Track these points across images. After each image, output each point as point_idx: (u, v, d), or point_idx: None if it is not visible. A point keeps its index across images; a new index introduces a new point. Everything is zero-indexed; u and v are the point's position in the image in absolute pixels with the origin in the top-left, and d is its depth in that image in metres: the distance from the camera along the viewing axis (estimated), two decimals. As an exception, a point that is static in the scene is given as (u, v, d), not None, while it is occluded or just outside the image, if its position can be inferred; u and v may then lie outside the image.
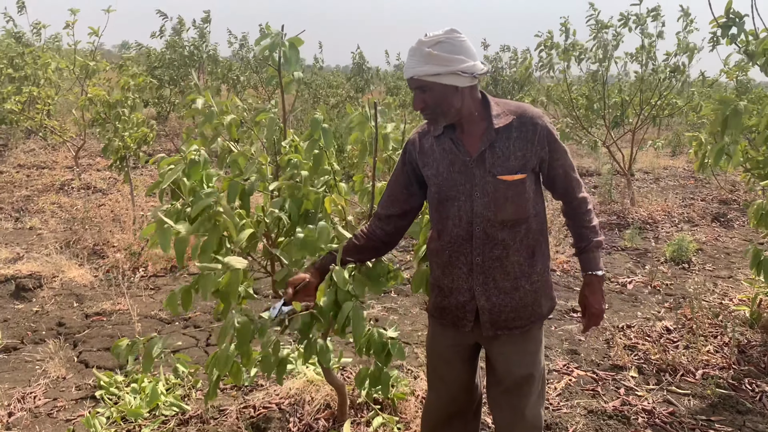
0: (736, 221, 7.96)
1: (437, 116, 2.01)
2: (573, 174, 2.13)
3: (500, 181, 2.00)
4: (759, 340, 4.14)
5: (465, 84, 1.96)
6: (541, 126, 2.02)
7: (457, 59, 1.92)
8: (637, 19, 7.85)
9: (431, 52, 1.91)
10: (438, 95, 1.96)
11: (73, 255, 5.43)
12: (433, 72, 1.91)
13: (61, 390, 3.38)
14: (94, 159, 10.32)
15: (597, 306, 2.18)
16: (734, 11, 3.61)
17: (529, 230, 2.08)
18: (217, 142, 2.19)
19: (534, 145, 2.02)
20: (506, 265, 2.07)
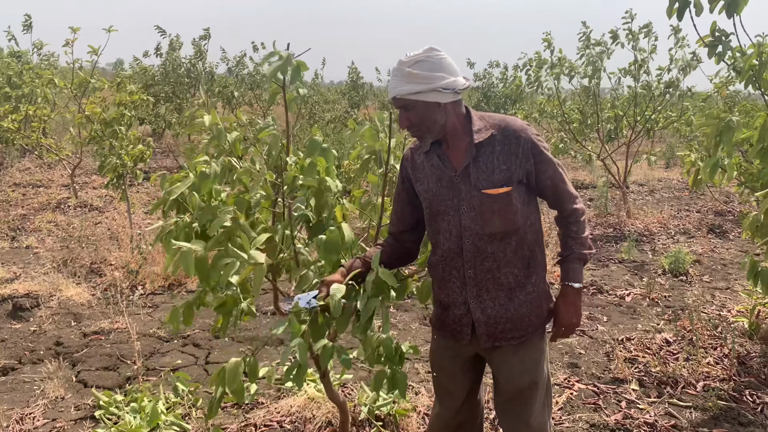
0: (731, 232, 8.00)
1: (423, 133, 2.05)
2: (563, 186, 2.10)
3: (485, 195, 2.02)
4: (758, 351, 4.15)
5: (447, 100, 1.99)
6: (524, 138, 2.03)
7: (437, 76, 1.96)
8: (630, 35, 7.95)
9: (411, 72, 1.95)
10: (421, 113, 2.00)
11: (70, 274, 5.41)
12: (414, 90, 1.95)
13: (59, 410, 3.36)
14: (90, 177, 10.31)
15: (566, 318, 2.16)
16: (720, 29, 3.66)
17: (522, 241, 2.09)
18: (221, 158, 2.20)
19: (518, 158, 2.03)
20: (499, 276, 2.09)
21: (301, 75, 1.98)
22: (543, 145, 2.07)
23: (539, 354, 2.21)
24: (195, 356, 4.06)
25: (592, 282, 5.77)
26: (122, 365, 3.91)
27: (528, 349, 2.18)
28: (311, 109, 13.25)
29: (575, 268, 2.12)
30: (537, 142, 2.05)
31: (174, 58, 12.85)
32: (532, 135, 2.05)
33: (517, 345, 2.16)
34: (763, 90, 3.80)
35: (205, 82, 13.48)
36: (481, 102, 14.55)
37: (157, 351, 4.12)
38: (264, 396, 3.49)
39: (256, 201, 2.07)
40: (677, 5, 3.42)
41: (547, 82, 8.17)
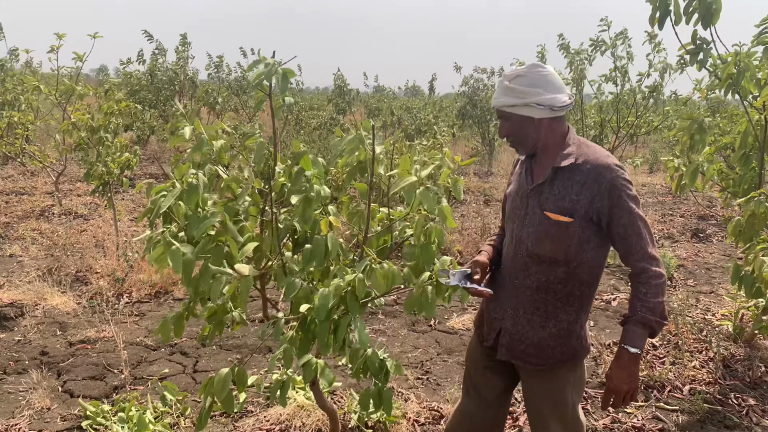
0: (714, 237, 8.10)
1: (516, 144, 2.15)
2: (635, 239, 1.98)
3: (545, 216, 2.05)
4: (743, 354, 4.20)
5: (541, 115, 2.04)
6: (607, 179, 1.98)
7: (533, 92, 2.01)
8: (606, 44, 8.04)
9: (509, 85, 2.04)
10: (515, 125, 2.09)
11: (55, 282, 5.35)
12: (509, 103, 2.05)
13: (45, 421, 3.32)
14: (74, 184, 10.22)
15: (617, 382, 2.01)
16: (701, 38, 3.72)
17: (571, 276, 2.06)
18: (207, 167, 2.19)
19: (594, 195, 1.99)
20: (537, 299, 2.11)
21: (288, 83, 1.98)
22: (627, 192, 1.98)
23: (563, 385, 2.17)
24: (183, 365, 4.03)
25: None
26: (109, 374, 3.87)
27: (549, 377, 2.17)
28: (297, 116, 13.24)
29: (636, 332, 1.97)
30: (621, 185, 1.98)
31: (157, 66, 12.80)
32: (618, 177, 1.98)
33: (534, 370, 2.17)
34: (743, 97, 3.86)
35: (188, 89, 13.42)
36: (467, 106, 14.61)
37: (145, 360, 4.09)
38: (253, 404, 3.47)
39: (244, 209, 2.06)
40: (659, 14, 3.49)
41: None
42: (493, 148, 14.67)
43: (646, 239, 1.98)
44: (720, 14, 3.40)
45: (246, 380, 2.25)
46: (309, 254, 2.14)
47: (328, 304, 2.05)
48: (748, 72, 3.68)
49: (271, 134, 2.28)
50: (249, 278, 1.94)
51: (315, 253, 2.13)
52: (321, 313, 2.04)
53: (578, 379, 2.22)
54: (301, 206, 2.08)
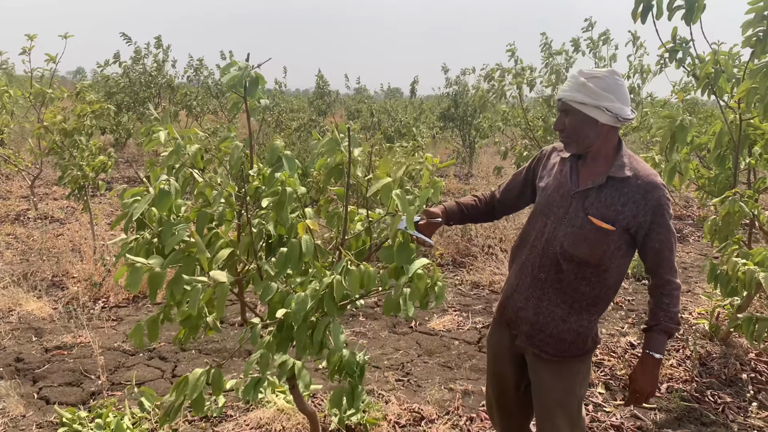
0: (691, 236, 8.20)
1: (571, 141, 2.16)
2: (668, 254, 2.11)
3: (588, 220, 2.11)
4: (719, 352, 4.26)
5: (606, 121, 2.08)
6: (655, 196, 2.07)
7: (607, 96, 2.05)
8: (591, 43, 8.10)
9: (585, 83, 2.06)
10: (578, 122, 2.11)
11: (30, 287, 5.27)
12: (580, 100, 2.07)
13: (20, 429, 3.26)
14: (50, 188, 10.08)
15: (642, 385, 2.15)
16: (681, 37, 3.77)
17: (599, 279, 2.15)
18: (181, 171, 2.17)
19: (639, 209, 2.07)
20: (564, 295, 2.19)
21: (258, 88, 1.97)
22: (668, 211, 2.10)
23: (573, 377, 2.26)
24: (161, 370, 3.99)
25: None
26: (86, 380, 3.82)
27: (561, 369, 2.25)
28: (277, 118, 13.19)
29: (659, 339, 2.12)
30: (664, 205, 2.08)
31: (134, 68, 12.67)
32: (663, 197, 2.08)
33: (549, 361, 2.25)
34: (719, 97, 3.91)
35: (165, 92, 13.31)
36: (450, 108, 14.65)
37: (122, 365, 4.04)
38: (233, 408, 3.45)
39: (219, 214, 2.04)
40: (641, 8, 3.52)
41: (511, 90, 8.27)
42: (474, 150, 14.73)
43: (674, 254, 2.12)
44: (701, 13, 3.44)
45: (222, 383, 2.23)
46: (284, 258, 2.13)
47: (305, 309, 2.04)
48: (724, 73, 3.73)
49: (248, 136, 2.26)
50: (225, 285, 1.92)
51: (290, 256, 2.12)
52: (298, 317, 2.03)
53: (586, 374, 2.30)
54: (276, 209, 2.07)
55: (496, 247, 6.69)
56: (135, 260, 1.78)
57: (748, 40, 3.46)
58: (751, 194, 3.60)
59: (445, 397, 3.64)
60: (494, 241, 6.94)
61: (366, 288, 2.21)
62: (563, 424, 2.25)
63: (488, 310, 5.21)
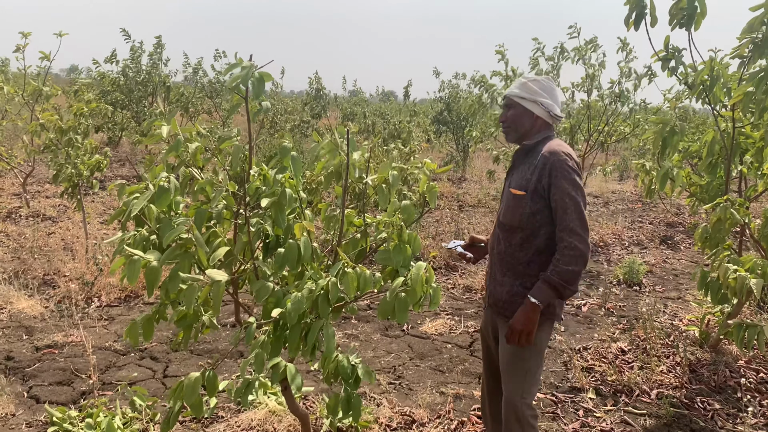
0: (682, 243, 8.26)
1: (510, 130, 2.56)
2: (562, 214, 2.32)
3: (509, 191, 2.49)
4: (708, 359, 4.29)
5: (539, 114, 2.48)
6: (551, 161, 2.36)
7: (542, 94, 2.48)
8: (578, 51, 8.13)
9: (526, 82, 2.51)
10: (517, 113, 2.52)
11: (22, 285, 5.24)
12: (521, 95, 2.49)
13: (10, 428, 3.25)
14: (43, 186, 10.03)
15: (515, 323, 2.40)
16: (673, 46, 3.79)
17: (528, 241, 2.45)
18: (181, 169, 2.18)
19: (542, 174, 2.37)
20: (504, 261, 2.52)
21: (264, 86, 1.98)
22: (564, 174, 2.33)
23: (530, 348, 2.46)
24: (153, 369, 3.98)
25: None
26: (77, 380, 3.80)
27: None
28: (273, 119, 13.19)
29: (541, 288, 2.35)
30: (560, 168, 2.34)
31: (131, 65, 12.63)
32: (561, 162, 2.34)
33: (503, 325, 2.53)
34: (713, 105, 3.95)
35: (160, 91, 13.27)
36: (443, 112, 14.69)
37: (114, 364, 4.03)
38: (224, 409, 3.44)
39: (218, 212, 2.05)
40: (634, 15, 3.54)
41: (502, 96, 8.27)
42: (467, 155, 14.76)
43: (571, 216, 2.31)
44: (702, 20, 3.45)
45: (217, 385, 2.23)
46: (282, 258, 2.14)
47: (300, 309, 2.05)
48: (720, 80, 3.76)
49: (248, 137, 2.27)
50: (222, 283, 1.93)
51: (288, 257, 2.13)
52: (293, 317, 2.04)
53: (539, 343, 2.48)
54: (274, 209, 2.08)
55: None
56: (133, 252, 1.78)
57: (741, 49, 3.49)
58: (741, 202, 3.63)
59: (437, 401, 3.65)
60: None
61: (362, 291, 2.22)
62: (511, 389, 2.49)
63: (480, 314, 5.22)
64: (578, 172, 2.38)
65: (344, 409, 2.29)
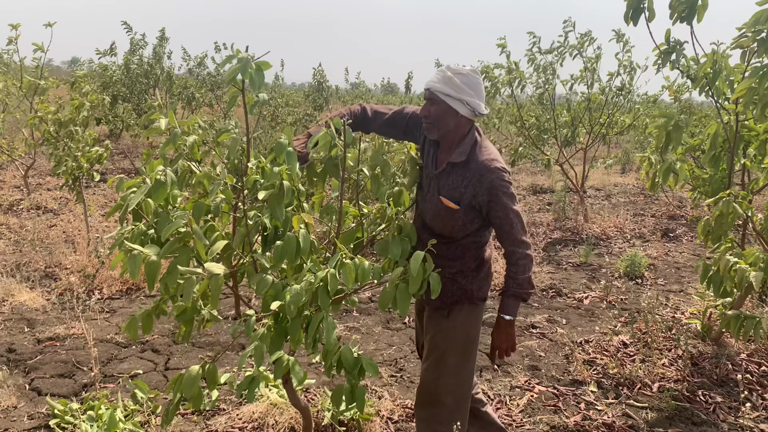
0: (684, 236, 8.24)
1: (433, 127, 2.41)
2: (508, 229, 2.37)
3: (439, 200, 2.43)
4: (710, 352, 4.28)
5: (464, 113, 2.37)
6: (488, 180, 2.34)
7: (468, 92, 2.34)
8: (573, 46, 8.09)
9: (451, 77, 2.34)
10: (441, 111, 2.38)
11: (23, 278, 5.25)
12: (445, 92, 2.34)
13: (12, 420, 3.25)
14: (44, 178, 10.03)
15: (497, 343, 2.50)
16: (674, 39, 3.77)
17: (458, 246, 2.48)
18: (179, 162, 2.17)
19: (477, 190, 2.36)
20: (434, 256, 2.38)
21: (263, 76, 1.96)
22: (504, 190, 2.34)
23: (451, 324, 2.54)
24: (154, 362, 3.98)
25: (551, 285, 5.87)
26: (78, 372, 3.81)
27: (439, 319, 2.55)
28: (274, 111, 13.16)
29: (509, 303, 2.44)
30: (499, 186, 2.34)
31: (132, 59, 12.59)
32: (497, 179, 2.34)
33: (432, 311, 2.57)
34: (716, 98, 3.92)
35: (163, 83, 13.23)
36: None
37: (115, 357, 4.03)
38: (225, 402, 3.44)
39: (215, 205, 2.04)
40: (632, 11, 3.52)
41: (505, 89, 8.26)
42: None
43: (516, 228, 2.36)
44: (704, 12, 3.42)
45: (217, 378, 2.23)
46: (280, 251, 2.13)
47: (299, 301, 2.04)
48: (723, 72, 3.73)
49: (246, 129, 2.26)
50: (220, 277, 1.92)
51: (286, 250, 2.12)
52: (292, 309, 2.03)
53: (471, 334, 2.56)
54: (271, 202, 2.07)
55: (490, 245, 6.70)
56: (133, 247, 1.77)
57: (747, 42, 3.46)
58: (744, 195, 3.61)
59: (438, 394, 3.64)
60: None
61: (361, 282, 2.21)
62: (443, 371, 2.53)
63: (482, 307, 5.21)
64: (511, 183, 2.41)
65: (348, 399, 2.28)
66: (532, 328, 4.75)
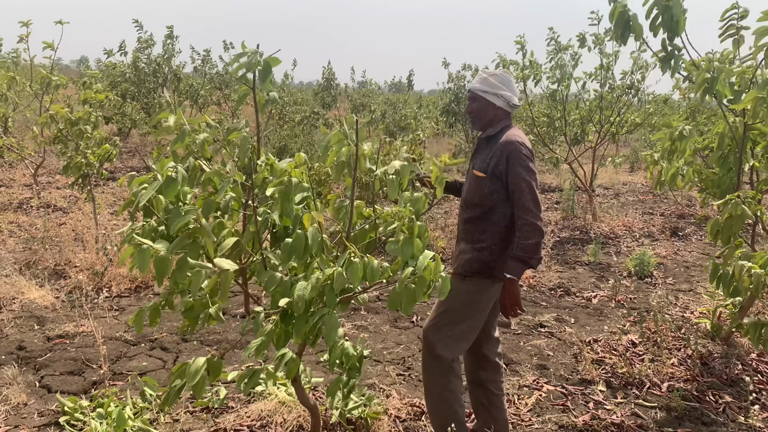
0: (693, 235, 8.19)
1: (476, 120, 2.88)
2: (518, 196, 2.64)
3: (472, 173, 2.82)
4: (720, 351, 4.26)
5: (501, 105, 2.81)
6: (508, 149, 2.68)
7: (501, 87, 2.80)
8: (596, 39, 8.06)
9: (486, 77, 2.83)
10: (481, 105, 2.84)
11: (33, 276, 5.28)
12: (482, 89, 2.81)
13: (22, 417, 3.27)
14: (53, 177, 10.08)
15: (502, 301, 2.72)
16: (672, 44, 3.75)
17: (485, 216, 2.77)
18: (189, 160, 2.17)
19: (499, 159, 2.70)
20: (466, 230, 2.85)
21: (271, 74, 1.96)
22: (521, 162, 2.66)
23: (463, 288, 2.80)
24: (163, 360, 4.00)
25: (559, 284, 5.85)
26: (87, 370, 3.83)
27: (460, 282, 2.82)
28: (281, 110, 13.18)
29: (512, 265, 2.66)
30: (516, 156, 2.66)
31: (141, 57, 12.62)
32: (516, 149, 2.67)
33: (453, 276, 2.83)
34: (719, 101, 3.91)
35: (171, 82, 13.26)
36: (452, 103, 14.61)
37: (124, 355, 4.05)
38: (234, 400, 3.45)
39: (225, 203, 2.04)
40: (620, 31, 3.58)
41: (518, 85, 8.24)
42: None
43: (526, 197, 2.63)
44: (684, 24, 3.51)
45: (221, 369, 2.23)
46: (289, 249, 2.13)
47: (306, 297, 2.04)
48: (722, 75, 3.72)
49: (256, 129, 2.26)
50: (229, 272, 1.92)
51: (295, 247, 2.12)
52: (299, 305, 2.03)
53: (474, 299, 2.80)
54: (280, 198, 2.07)
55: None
56: (142, 242, 1.78)
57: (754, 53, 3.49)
58: (753, 195, 3.59)
59: (446, 392, 3.64)
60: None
61: (369, 281, 2.21)
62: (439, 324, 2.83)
63: (490, 306, 5.21)
64: (531, 159, 2.70)
65: (344, 392, 2.30)
66: (540, 327, 4.74)
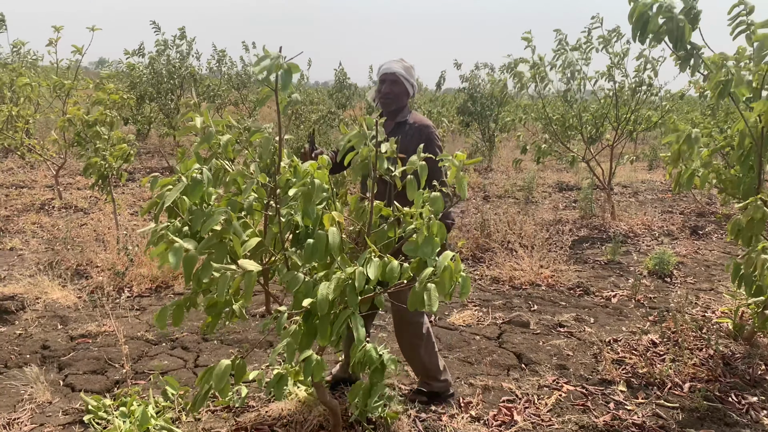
0: (714, 234, 8.11)
1: (392, 103, 3.32)
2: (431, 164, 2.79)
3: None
4: (743, 351, 4.21)
5: (411, 93, 3.37)
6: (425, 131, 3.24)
7: (413, 77, 3.35)
8: (603, 40, 8.02)
9: (408, 66, 3.35)
10: (401, 90, 3.33)
11: (55, 276, 5.35)
12: (405, 76, 3.31)
13: (47, 415, 3.32)
14: (74, 178, 10.21)
15: None
16: (691, 43, 3.71)
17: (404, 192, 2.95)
18: (212, 161, 2.19)
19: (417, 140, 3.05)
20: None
21: (291, 78, 1.98)
22: (436, 141, 3.26)
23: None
24: (184, 359, 4.04)
25: (578, 283, 5.82)
26: (110, 369, 3.88)
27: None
28: (297, 110, 13.22)
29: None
30: (434, 137, 3.25)
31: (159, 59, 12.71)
32: (431, 132, 3.26)
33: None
34: (736, 101, 3.87)
35: (187, 83, 13.35)
36: (467, 102, 14.56)
37: (146, 354, 4.09)
38: (254, 399, 3.48)
39: (248, 203, 2.06)
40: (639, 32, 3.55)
41: (531, 85, 8.21)
42: (493, 144, 14.62)
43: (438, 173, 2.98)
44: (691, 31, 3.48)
45: (245, 372, 2.26)
46: (311, 249, 2.15)
47: (329, 297, 2.06)
48: (737, 76, 3.68)
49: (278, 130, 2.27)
50: (253, 274, 1.94)
51: (317, 247, 2.14)
52: (323, 306, 2.04)
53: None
54: (303, 199, 2.08)
55: (515, 243, 6.66)
56: (175, 240, 1.80)
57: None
58: (776, 194, 3.55)
59: (465, 392, 3.64)
60: (513, 236, 6.92)
61: (390, 281, 2.22)
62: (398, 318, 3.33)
63: (508, 305, 5.20)
64: (440, 138, 3.30)
65: (363, 397, 2.31)
66: (559, 327, 4.72)
